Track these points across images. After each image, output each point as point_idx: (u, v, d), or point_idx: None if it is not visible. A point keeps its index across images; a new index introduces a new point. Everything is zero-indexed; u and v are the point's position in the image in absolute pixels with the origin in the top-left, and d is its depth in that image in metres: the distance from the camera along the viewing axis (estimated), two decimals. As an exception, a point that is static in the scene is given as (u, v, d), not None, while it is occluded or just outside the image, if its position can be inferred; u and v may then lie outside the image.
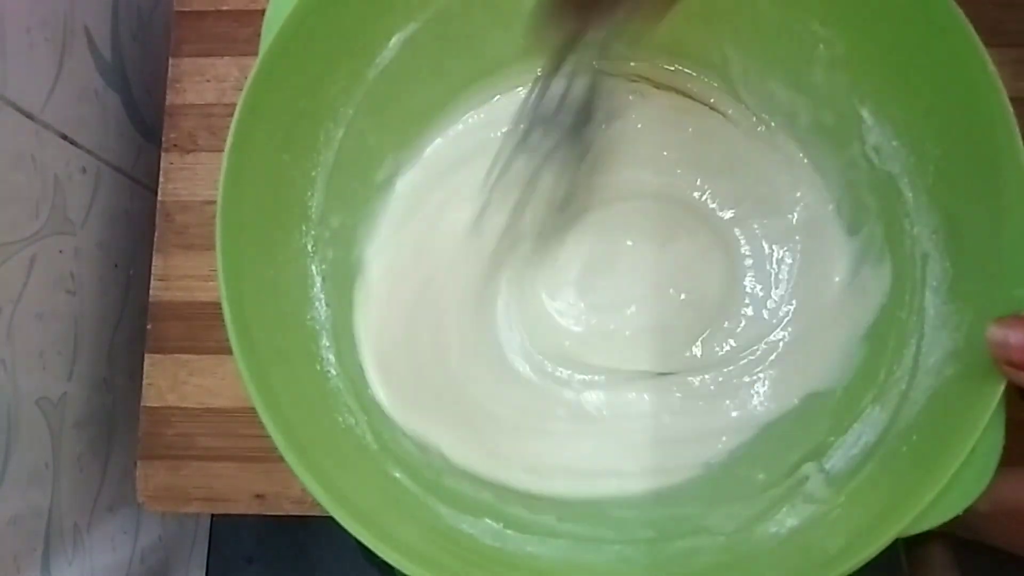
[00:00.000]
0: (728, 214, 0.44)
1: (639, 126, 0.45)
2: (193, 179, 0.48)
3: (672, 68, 0.45)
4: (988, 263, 0.32)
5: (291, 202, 0.39)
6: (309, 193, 0.40)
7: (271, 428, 0.31)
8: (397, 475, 0.37)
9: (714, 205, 0.45)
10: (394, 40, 0.40)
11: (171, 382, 0.46)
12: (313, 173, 0.40)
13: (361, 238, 0.44)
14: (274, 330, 0.36)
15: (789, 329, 0.42)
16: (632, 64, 0.45)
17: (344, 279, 0.42)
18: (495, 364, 0.43)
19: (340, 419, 0.37)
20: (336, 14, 0.37)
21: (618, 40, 0.36)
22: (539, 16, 0.34)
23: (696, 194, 0.45)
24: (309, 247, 0.40)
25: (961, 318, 0.33)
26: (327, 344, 0.39)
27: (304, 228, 0.40)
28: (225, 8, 0.50)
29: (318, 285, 0.40)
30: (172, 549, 0.60)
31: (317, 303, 0.40)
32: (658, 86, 0.46)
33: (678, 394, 0.42)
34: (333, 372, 0.39)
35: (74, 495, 0.47)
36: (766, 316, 0.43)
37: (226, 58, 0.49)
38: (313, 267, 0.40)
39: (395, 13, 0.39)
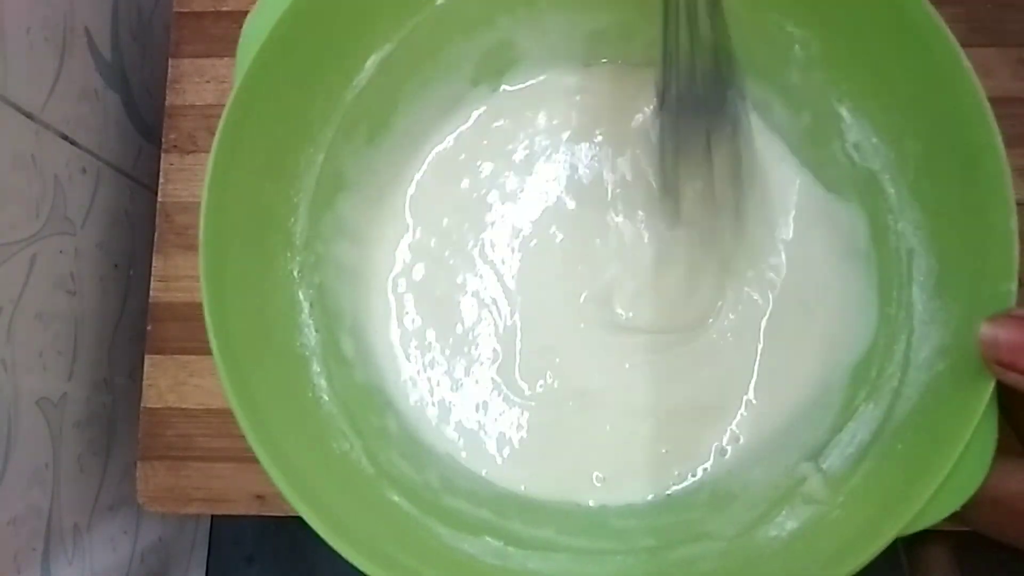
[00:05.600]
0: None
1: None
2: (193, 180, 0.48)
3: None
4: (973, 258, 0.32)
5: (274, 229, 0.38)
6: (292, 219, 0.39)
7: (267, 464, 0.31)
8: (395, 498, 0.36)
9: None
10: (370, 61, 0.39)
11: (171, 383, 0.46)
12: (295, 199, 0.39)
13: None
14: (264, 361, 0.35)
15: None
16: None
17: (332, 304, 0.42)
18: None
19: (335, 446, 0.37)
20: (312, 39, 0.36)
21: None
22: None
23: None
24: (295, 273, 0.39)
25: (949, 313, 0.33)
26: (318, 370, 0.38)
27: (289, 255, 0.39)
28: (225, 9, 0.50)
29: (306, 311, 0.39)
30: (172, 549, 0.60)
31: (306, 329, 0.39)
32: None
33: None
34: (325, 398, 0.38)
35: (74, 495, 0.47)
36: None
37: (226, 59, 0.49)
38: (300, 293, 0.39)
39: (371, 35, 0.39)
